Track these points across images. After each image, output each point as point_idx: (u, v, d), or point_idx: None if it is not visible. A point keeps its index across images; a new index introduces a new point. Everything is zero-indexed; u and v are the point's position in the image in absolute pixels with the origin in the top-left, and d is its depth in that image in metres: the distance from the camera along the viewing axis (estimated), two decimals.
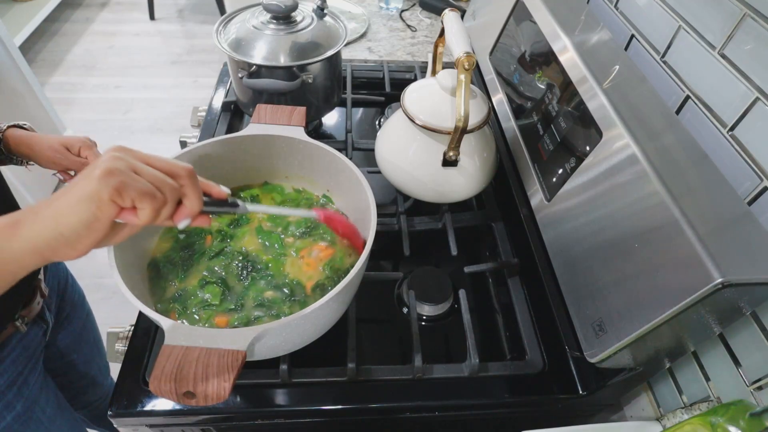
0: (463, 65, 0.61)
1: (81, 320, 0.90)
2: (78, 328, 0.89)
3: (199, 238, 0.65)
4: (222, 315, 0.58)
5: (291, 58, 0.82)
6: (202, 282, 0.60)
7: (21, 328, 0.68)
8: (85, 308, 0.93)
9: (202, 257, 0.63)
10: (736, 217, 0.48)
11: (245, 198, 0.70)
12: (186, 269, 0.62)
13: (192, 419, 0.60)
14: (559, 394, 0.61)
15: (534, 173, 0.71)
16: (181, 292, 0.59)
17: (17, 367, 0.69)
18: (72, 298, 0.87)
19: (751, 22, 0.52)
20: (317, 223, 0.65)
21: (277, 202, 0.71)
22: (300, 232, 0.66)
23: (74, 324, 0.87)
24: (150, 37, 2.94)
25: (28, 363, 0.71)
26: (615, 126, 0.55)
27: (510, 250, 0.77)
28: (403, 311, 0.71)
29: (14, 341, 0.68)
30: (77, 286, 0.91)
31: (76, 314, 0.88)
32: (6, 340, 0.67)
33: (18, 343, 0.69)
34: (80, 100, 2.43)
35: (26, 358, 0.70)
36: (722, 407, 0.50)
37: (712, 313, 0.46)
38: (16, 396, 0.69)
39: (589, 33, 0.70)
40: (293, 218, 0.67)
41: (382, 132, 0.78)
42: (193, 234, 0.65)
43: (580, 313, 0.56)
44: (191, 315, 0.57)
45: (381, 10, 1.37)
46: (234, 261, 0.63)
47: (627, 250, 0.50)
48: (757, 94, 0.52)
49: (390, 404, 0.60)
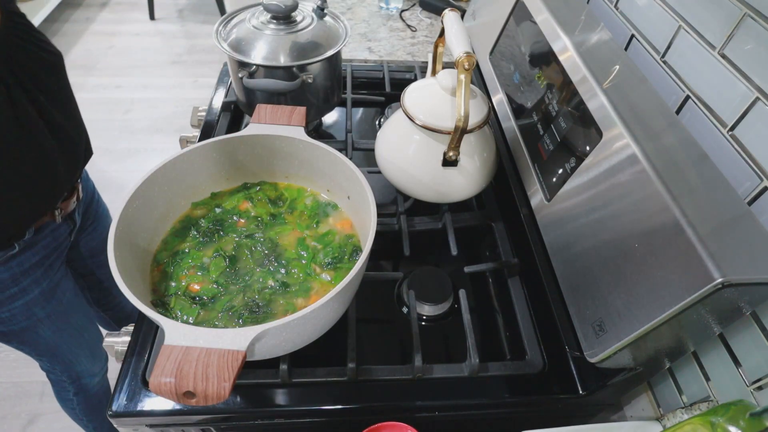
0: (463, 65, 0.61)
1: (105, 230, 1.00)
2: (102, 236, 1.00)
3: (231, 219, 0.68)
4: (206, 284, 0.61)
5: (291, 58, 0.82)
6: (214, 254, 0.63)
7: (57, 218, 0.82)
8: (109, 221, 1.02)
9: (229, 234, 0.66)
10: (736, 217, 0.48)
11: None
12: (207, 241, 0.66)
13: (192, 419, 0.60)
14: (559, 394, 0.61)
15: (534, 173, 0.71)
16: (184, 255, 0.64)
17: (47, 251, 0.83)
18: (97, 210, 0.99)
19: (751, 22, 0.52)
20: (344, 254, 0.66)
21: (274, 197, 0.73)
22: (327, 261, 0.66)
23: (98, 231, 1.00)
24: (150, 37, 2.94)
25: (55, 251, 0.85)
26: (615, 126, 0.55)
27: (510, 250, 0.77)
28: (403, 311, 0.71)
29: (48, 230, 0.82)
30: (103, 203, 1.03)
31: (100, 224, 1.00)
32: (42, 225, 0.80)
33: (51, 232, 0.83)
34: (80, 100, 2.41)
35: (54, 247, 0.85)
36: (722, 407, 0.50)
37: (712, 313, 0.46)
38: (43, 275, 0.83)
39: (589, 33, 0.70)
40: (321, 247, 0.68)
41: (382, 132, 0.78)
42: (228, 212, 0.70)
43: (580, 313, 0.56)
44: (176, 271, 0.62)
45: (381, 10, 1.37)
46: (258, 245, 0.65)
47: (627, 250, 0.50)
48: (757, 94, 0.52)
49: (390, 404, 0.60)
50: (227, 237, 0.66)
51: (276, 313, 0.59)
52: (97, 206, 1.00)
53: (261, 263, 0.64)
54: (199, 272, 0.62)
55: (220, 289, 0.61)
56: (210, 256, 0.64)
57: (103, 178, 2.03)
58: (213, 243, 0.65)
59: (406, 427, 0.57)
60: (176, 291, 0.60)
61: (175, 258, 0.63)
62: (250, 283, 0.62)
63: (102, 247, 0.96)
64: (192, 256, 0.64)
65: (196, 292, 0.61)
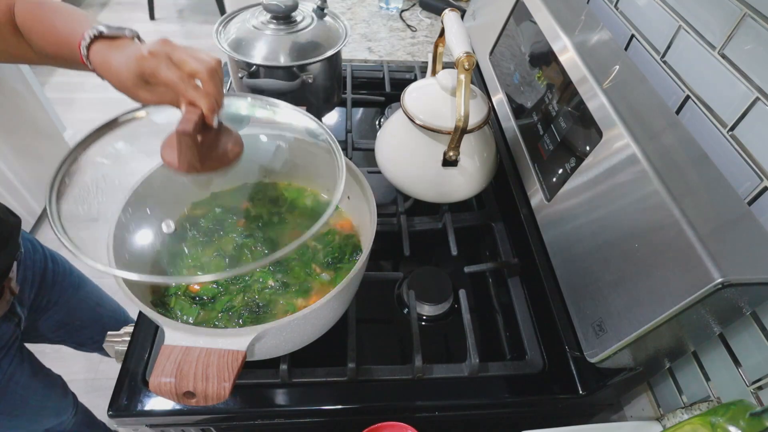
0: (463, 65, 0.61)
1: (69, 297, 0.91)
2: (69, 304, 0.91)
3: (231, 219, 0.67)
4: (206, 283, 0.60)
5: (291, 58, 0.82)
6: (214, 254, 0.62)
7: None
8: (73, 283, 0.93)
9: (229, 234, 0.65)
10: (736, 217, 0.48)
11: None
12: (207, 241, 0.64)
13: (192, 419, 0.60)
14: (559, 394, 0.61)
15: (534, 173, 0.71)
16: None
17: None
18: (53, 282, 0.87)
19: (751, 22, 0.52)
20: (344, 254, 0.66)
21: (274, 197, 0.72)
22: (327, 261, 0.65)
23: (61, 304, 0.89)
24: (150, 37, 2.92)
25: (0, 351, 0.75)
26: (615, 126, 0.55)
27: (510, 250, 0.77)
28: (403, 311, 0.71)
29: None
30: (60, 267, 0.90)
31: (63, 295, 0.89)
32: None
33: None
34: (80, 100, 2.43)
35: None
36: (722, 407, 0.50)
37: (712, 313, 0.46)
38: None
39: (589, 33, 0.70)
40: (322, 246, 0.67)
41: (382, 132, 0.78)
42: (228, 212, 0.69)
43: (580, 313, 0.56)
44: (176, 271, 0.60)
45: (381, 10, 1.37)
46: (258, 245, 0.64)
47: (627, 250, 0.50)
48: (757, 94, 0.52)
49: (390, 404, 0.60)
50: (227, 237, 0.66)
51: (276, 313, 0.59)
52: (54, 276, 0.88)
53: None
54: (199, 272, 0.62)
55: (220, 289, 0.61)
56: (210, 256, 0.64)
57: None
58: (213, 243, 0.65)
59: (406, 427, 0.57)
60: (176, 291, 0.60)
61: (175, 258, 0.63)
62: (250, 283, 0.62)
63: (75, 315, 0.92)
64: (192, 256, 0.64)
65: (196, 292, 0.61)
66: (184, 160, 0.49)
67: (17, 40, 0.57)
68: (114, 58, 0.50)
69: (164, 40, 0.48)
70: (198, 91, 0.47)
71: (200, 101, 0.47)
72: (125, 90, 0.51)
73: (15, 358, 0.79)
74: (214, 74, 0.48)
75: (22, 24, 0.56)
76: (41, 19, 0.55)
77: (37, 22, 0.55)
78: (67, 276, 0.91)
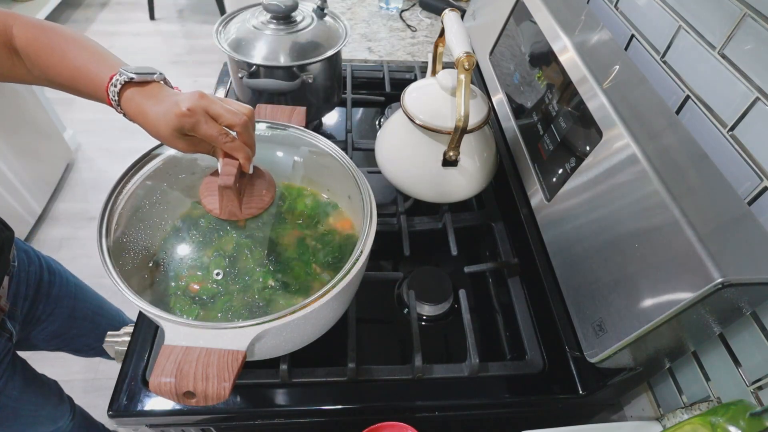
0: (463, 65, 0.61)
1: (65, 308, 0.90)
2: (64, 314, 0.90)
3: None
4: (206, 283, 0.60)
5: (291, 58, 0.82)
6: (214, 254, 0.62)
7: None
8: (70, 293, 0.91)
9: (229, 234, 0.64)
10: (736, 217, 0.48)
11: None
12: (207, 241, 0.64)
13: (192, 419, 0.60)
14: (559, 394, 0.61)
15: (534, 173, 0.71)
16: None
17: None
18: (48, 294, 0.86)
19: (751, 22, 0.52)
20: (344, 254, 0.65)
21: None
22: (327, 261, 0.65)
23: (56, 315, 0.88)
24: (150, 37, 2.94)
25: None
26: (615, 126, 0.55)
27: (510, 250, 0.77)
28: (403, 311, 0.71)
29: None
30: (56, 278, 0.89)
31: (58, 306, 0.88)
32: None
33: None
34: (80, 100, 2.41)
35: None
36: (722, 407, 0.50)
37: (712, 313, 0.46)
38: None
39: (589, 33, 0.70)
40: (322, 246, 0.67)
41: (382, 132, 0.78)
42: None
43: (580, 313, 0.56)
44: (176, 271, 0.60)
45: (381, 10, 1.37)
46: (258, 245, 0.64)
47: (627, 250, 0.50)
48: (757, 94, 0.52)
49: (390, 404, 0.60)
50: (227, 237, 0.66)
51: (276, 313, 0.59)
52: (50, 290, 0.86)
53: (261, 263, 0.64)
54: (199, 272, 0.62)
55: (220, 289, 0.61)
56: (210, 256, 0.64)
57: (103, 178, 2.03)
58: (213, 243, 0.65)
59: (406, 427, 0.57)
60: (176, 291, 0.60)
61: (175, 258, 0.63)
62: (250, 283, 0.62)
63: (71, 325, 0.90)
64: (192, 256, 0.64)
65: (196, 292, 0.61)
66: (225, 210, 0.57)
67: (12, 62, 0.56)
68: (150, 109, 0.51)
69: (201, 94, 0.50)
70: (234, 142, 0.50)
71: (237, 153, 0.50)
72: (161, 139, 0.53)
73: (6, 372, 0.77)
74: (249, 125, 0.50)
75: (24, 48, 0.54)
76: (50, 47, 0.54)
77: (44, 49, 0.54)
78: (63, 287, 0.90)
